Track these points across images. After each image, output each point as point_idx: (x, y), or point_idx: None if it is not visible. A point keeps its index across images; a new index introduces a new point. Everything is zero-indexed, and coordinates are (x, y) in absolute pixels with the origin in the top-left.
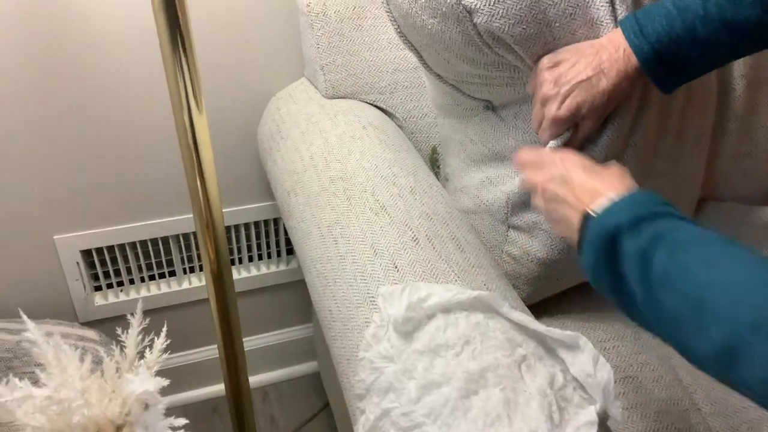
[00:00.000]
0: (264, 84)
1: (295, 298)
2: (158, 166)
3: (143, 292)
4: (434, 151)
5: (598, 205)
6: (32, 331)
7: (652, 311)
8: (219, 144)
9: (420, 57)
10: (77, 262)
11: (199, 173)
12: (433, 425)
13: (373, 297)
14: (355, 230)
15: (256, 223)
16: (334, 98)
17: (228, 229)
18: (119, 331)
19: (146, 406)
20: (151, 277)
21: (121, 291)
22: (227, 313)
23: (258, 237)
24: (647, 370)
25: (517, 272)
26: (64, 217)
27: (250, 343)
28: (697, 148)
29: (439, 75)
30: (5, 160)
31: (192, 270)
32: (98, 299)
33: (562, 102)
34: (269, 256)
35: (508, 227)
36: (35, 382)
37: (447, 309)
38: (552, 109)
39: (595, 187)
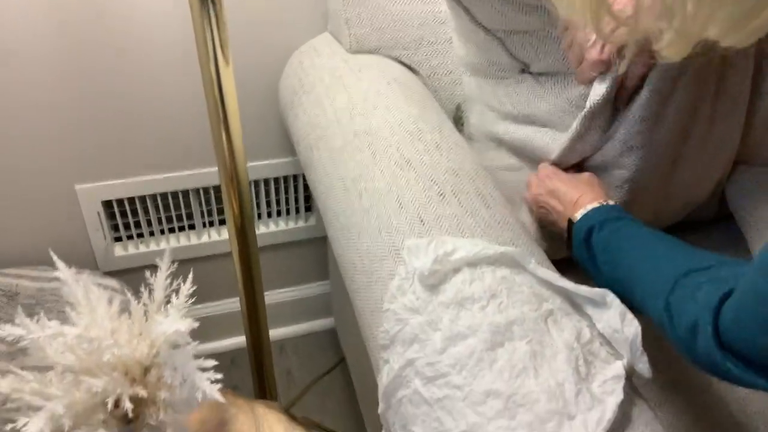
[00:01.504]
0: (286, 38)
1: (313, 255)
2: (182, 119)
3: (162, 245)
4: (458, 108)
5: (578, 213)
6: (62, 270)
7: (612, 280)
8: (240, 98)
9: (467, 11)
10: (98, 213)
11: (224, 126)
12: (458, 375)
13: (398, 250)
14: (380, 184)
15: (275, 179)
16: (358, 53)
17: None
18: (148, 274)
19: (174, 348)
20: (171, 230)
21: (141, 243)
22: (250, 267)
23: (277, 193)
24: None
25: (537, 228)
26: (86, 167)
27: (267, 297)
28: (733, 112)
29: (487, 29)
30: (29, 110)
31: (211, 224)
32: (118, 250)
33: (604, 45)
34: (288, 212)
35: None
36: (63, 322)
37: (473, 263)
38: (593, 53)
39: (575, 198)
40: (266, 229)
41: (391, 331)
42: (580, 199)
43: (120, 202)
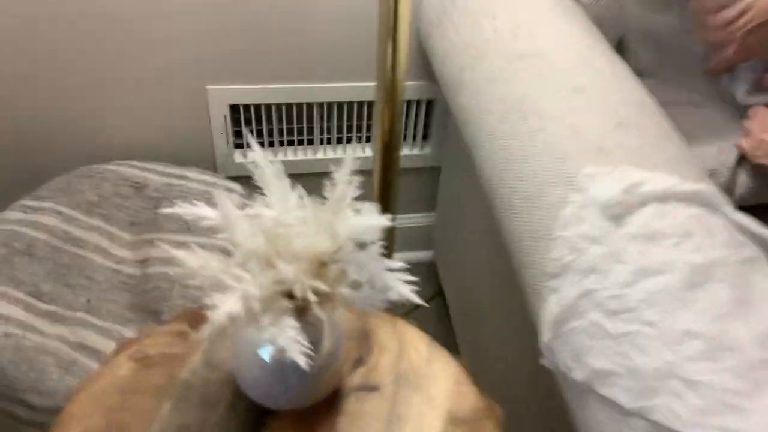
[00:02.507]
0: None
1: (423, 186)
2: (320, 32)
3: (281, 156)
4: (620, 42)
5: None
6: (256, 150)
7: None
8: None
9: None
10: (225, 116)
11: (393, 40)
12: (650, 310)
13: (570, 177)
14: (550, 107)
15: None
16: None
17: (370, 104)
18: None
19: (358, 247)
20: (290, 143)
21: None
22: (389, 189)
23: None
24: None
25: None
26: (219, 69)
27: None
28: None
29: None
30: (167, 14)
31: (329, 141)
32: (237, 156)
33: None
34: (405, 138)
35: None
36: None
37: (662, 199)
38: (728, 53)
39: None
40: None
41: (564, 259)
42: None
43: (247, 108)
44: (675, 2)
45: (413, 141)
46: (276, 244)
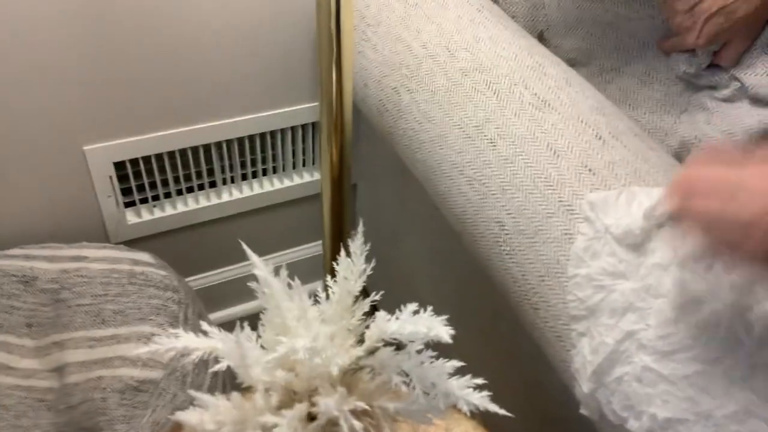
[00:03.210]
0: None
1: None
2: (203, 67)
3: (180, 207)
4: (541, 36)
5: None
6: (258, 266)
7: None
8: (264, 33)
9: None
10: (110, 176)
11: (336, 63)
12: (706, 347)
13: (568, 205)
14: (519, 129)
15: (303, 126)
16: None
17: (273, 134)
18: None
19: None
20: (189, 190)
21: (155, 207)
22: (341, 221)
23: (304, 141)
24: None
25: None
26: (93, 125)
27: (302, 252)
28: None
29: None
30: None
31: (233, 180)
32: (131, 216)
33: (700, 31)
34: (304, 164)
35: None
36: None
37: (676, 218)
38: (689, 39)
39: None
40: (281, 185)
41: (589, 300)
42: None
43: (134, 161)
44: None
45: (311, 165)
46: (303, 372)
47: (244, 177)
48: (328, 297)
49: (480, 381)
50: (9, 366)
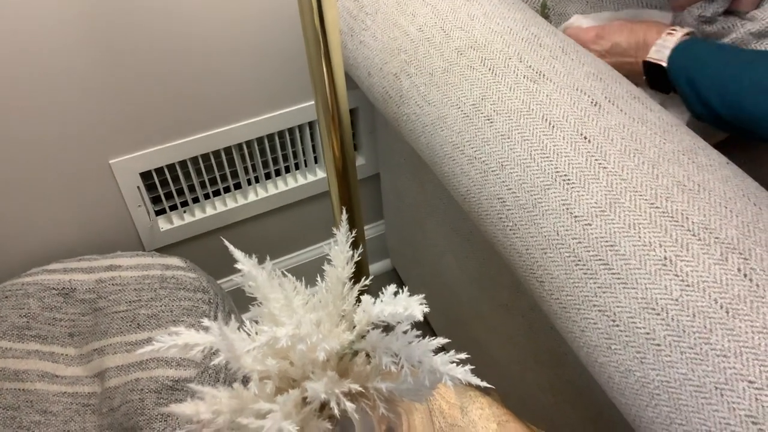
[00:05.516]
0: None
1: (364, 196)
2: (218, 72)
3: (209, 210)
4: (544, 6)
5: (653, 50)
6: (241, 260)
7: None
8: (263, 32)
9: None
10: (138, 187)
11: (325, 57)
12: None
13: (564, 175)
14: (514, 103)
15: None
16: None
17: (291, 131)
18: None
19: (382, 330)
20: (216, 193)
21: (185, 212)
22: (350, 209)
23: (312, 139)
24: None
25: None
26: (117, 138)
27: (317, 251)
28: None
29: None
30: (49, 84)
31: (257, 180)
32: (163, 224)
33: None
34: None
35: None
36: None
37: None
38: None
39: (639, 40)
40: (304, 180)
41: None
42: (645, 38)
43: (160, 170)
44: None
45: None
46: (295, 358)
47: (267, 176)
48: None
49: (463, 356)
50: (55, 374)
